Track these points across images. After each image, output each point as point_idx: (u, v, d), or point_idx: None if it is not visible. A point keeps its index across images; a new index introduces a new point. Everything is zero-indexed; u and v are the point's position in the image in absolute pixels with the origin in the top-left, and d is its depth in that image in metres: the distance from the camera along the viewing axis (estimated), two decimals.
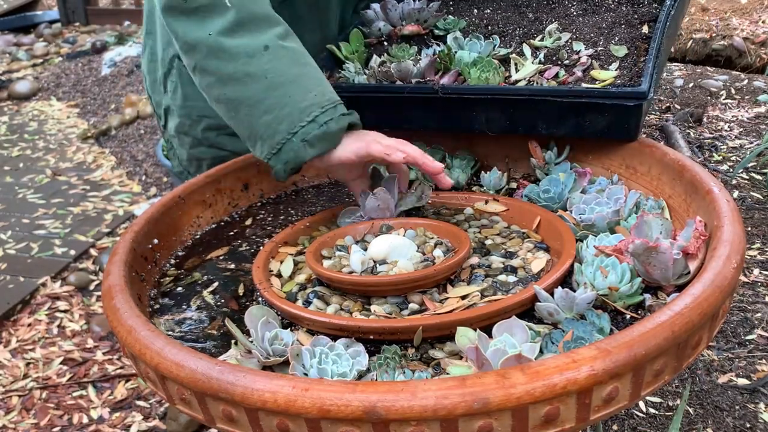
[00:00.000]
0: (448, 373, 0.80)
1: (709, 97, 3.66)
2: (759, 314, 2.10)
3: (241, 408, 0.71)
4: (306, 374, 0.80)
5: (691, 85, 3.81)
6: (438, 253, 0.99)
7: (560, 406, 0.68)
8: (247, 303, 0.99)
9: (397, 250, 0.99)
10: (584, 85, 1.15)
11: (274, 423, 0.70)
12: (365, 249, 1.01)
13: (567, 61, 1.23)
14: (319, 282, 1.00)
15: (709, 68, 4.11)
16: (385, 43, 1.39)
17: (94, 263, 2.84)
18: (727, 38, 4.29)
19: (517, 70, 1.22)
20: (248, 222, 1.21)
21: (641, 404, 1.83)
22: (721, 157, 3.05)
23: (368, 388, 0.67)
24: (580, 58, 1.22)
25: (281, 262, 1.05)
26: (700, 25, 4.46)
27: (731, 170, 2.89)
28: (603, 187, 1.11)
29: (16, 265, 2.95)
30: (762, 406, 1.79)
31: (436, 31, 1.40)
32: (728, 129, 3.32)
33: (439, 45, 1.35)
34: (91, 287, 2.69)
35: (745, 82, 3.83)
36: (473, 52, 1.27)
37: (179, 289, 1.05)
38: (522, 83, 1.19)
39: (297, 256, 1.07)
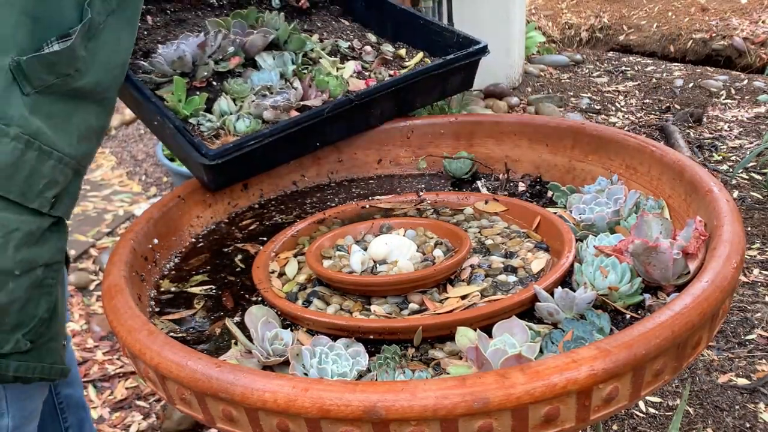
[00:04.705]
0: (448, 373, 0.80)
1: (709, 97, 3.66)
2: (759, 314, 2.10)
3: (241, 408, 0.71)
4: (306, 374, 0.80)
5: (691, 85, 3.81)
6: (438, 253, 0.99)
7: (560, 406, 0.68)
8: (247, 303, 0.99)
9: (397, 250, 0.99)
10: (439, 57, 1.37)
11: (274, 423, 0.70)
12: (365, 249, 1.01)
13: (354, 53, 1.44)
14: (319, 282, 1.00)
15: (709, 68, 4.11)
16: (215, 83, 1.32)
17: (94, 263, 2.84)
18: (727, 38, 4.29)
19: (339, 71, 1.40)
20: (248, 222, 1.21)
21: (641, 404, 1.83)
22: (721, 157, 3.05)
23: (368, 388, 0.67)
24: (361, 48, 1.45)
25: (285, 263, 1.06)
26: (700, 25, 4.46)
27: (731, 170, 2.89)
28: (603, 187, 1.11)
29: None
30: (762, 406, 1.79)
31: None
32: (728, 129, 3.32)
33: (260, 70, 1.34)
34: (91, 287, 2.69)
35: (745, 82, 3.83)
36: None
37: (179, 289, 1.05)
38: (354, 76, 1.37)
39: (298, 256, 1.07)
